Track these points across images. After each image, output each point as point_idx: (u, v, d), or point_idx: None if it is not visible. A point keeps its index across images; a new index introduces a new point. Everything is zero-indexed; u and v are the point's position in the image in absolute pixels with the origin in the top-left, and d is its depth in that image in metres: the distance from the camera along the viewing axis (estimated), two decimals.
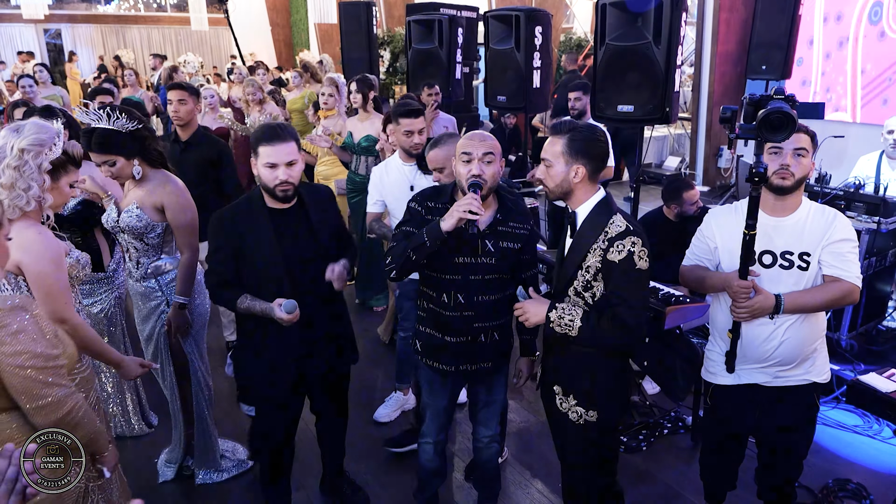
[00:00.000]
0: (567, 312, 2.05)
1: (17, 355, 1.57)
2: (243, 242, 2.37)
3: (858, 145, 5.76)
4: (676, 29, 3.77)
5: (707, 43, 8.13)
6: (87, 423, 1.74)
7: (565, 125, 2.09)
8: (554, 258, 3.93)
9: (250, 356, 2.54)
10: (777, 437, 2.37)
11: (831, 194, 4.00)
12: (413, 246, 2.22)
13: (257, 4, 16.25)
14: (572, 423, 2.20)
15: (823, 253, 2.18)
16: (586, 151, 2.04)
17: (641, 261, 1.99)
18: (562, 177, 2.07)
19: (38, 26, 16.21)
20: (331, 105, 5.20)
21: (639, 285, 2.03)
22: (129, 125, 2.59)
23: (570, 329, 2.04)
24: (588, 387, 2.16)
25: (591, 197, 2.10)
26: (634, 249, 1.99)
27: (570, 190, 2.09)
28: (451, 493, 3.06)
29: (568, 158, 2.05)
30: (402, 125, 3.22)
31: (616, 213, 2.06)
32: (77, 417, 1.70)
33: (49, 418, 1.65)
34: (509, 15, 5.49)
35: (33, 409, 1.63)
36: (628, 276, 1.99)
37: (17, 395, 1.61)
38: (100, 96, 4.91)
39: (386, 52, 11.33)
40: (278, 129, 2.35)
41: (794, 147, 2.17)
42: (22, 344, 1.58)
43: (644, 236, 2.03)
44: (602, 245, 2.02)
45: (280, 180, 2.32)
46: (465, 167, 2.23)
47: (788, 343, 2.23)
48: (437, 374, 2.49)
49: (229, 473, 3.12)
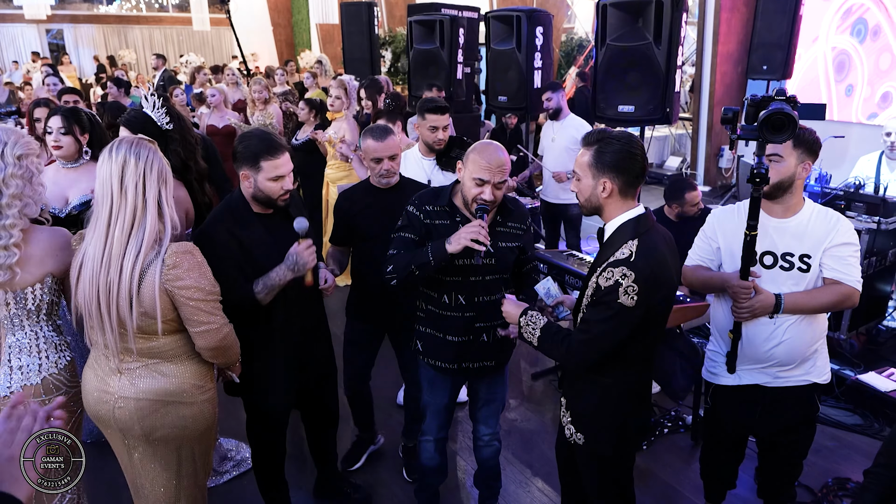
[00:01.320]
0: (533, 320, 2.02)
1: (189, 289, 1.92)
2: (241, 249, 2.30)
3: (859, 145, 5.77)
4: (677, 29, 3.79)
5: (708, 43, 8.13)
6: (235, 346, 2.11)
7: (595, 135, 1.94)
8: (552, 257, 3.94)
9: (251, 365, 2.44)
10: (778, 438, 2.38)
11: (831, 194, 4.00)
12: (417, 263, 2.23)
13: (259, 5, 16.28)
14: (567, 439, 2.14)
15: (825, 256, 2.18)
16: (615, 165, 1.88)
17: (626, 296, 1.80)
18: (589, 191, 1.94)
19: (40, 26, 16.25)
20: (337, 107, 5.09)
21: (612, 320, 1.84)
22: (164, 120, 2.60)
23: (533, 337, 2.00)
24: (580, 407, 2.08)
25: (621, 214, 1.94)
26: (623, 282, 1.80)
27: (598, 205, 1.95)
28: (452, 492, 3.07)
29: (595, 172, 1.91)
30: (428, 120, 3.26)
31: (635, 238, 1.87)
32: (230, 341, 2.06)
33: (209, 341, 1.99)
34: (510, 15, 5.51)
35: (197, 333, 1.98)
36: (606, 305, 1.84)
37: (186, 320, 1.96)
38: (66, 95, 4.79)
39: (387, 52, 11.36)
40: (275, 140, 2.31)
41: (769, 153, 2.13)
42: (193, 279, 1.92)
43: (648, 271, 1.82)
44: (603, 267, 1.89)
45: (284, 190, 2.31)
46: (476, 188, 2.20)
47: (788, 343, 2.23)
48: (439, 373, 2.50)
49: (230, 475, 3.13)
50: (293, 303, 2.44)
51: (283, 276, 2.28)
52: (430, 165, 3.33)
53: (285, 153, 2.31)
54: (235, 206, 2.35)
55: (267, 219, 2.38)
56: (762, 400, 2.32)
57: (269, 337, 2.44)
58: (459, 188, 2.31)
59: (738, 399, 2.36)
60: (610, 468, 2.12)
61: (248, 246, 2.30)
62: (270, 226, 2.37)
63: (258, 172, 2.27)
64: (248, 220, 2.33)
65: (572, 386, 2.13)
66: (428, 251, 2.22)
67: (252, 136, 2.34)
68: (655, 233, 1.94)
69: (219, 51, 18.32)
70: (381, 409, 3.47)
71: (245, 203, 2.35)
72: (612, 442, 2.05)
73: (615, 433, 2.04)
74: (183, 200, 2.70)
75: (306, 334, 2.55)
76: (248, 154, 2.27)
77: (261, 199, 2.33)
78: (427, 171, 3.32)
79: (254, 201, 2.35)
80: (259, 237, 2.33)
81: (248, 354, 2.37)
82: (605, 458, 2.08)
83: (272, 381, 2.47)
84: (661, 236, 1.96)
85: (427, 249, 2.23)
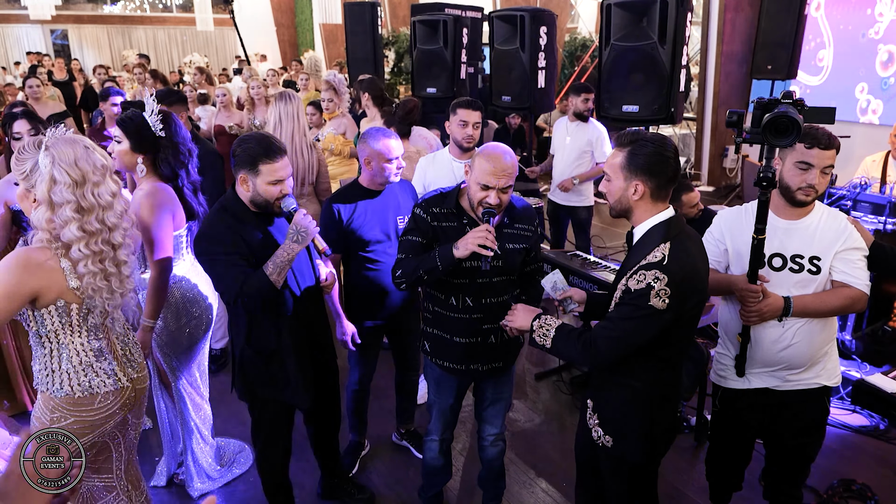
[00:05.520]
0: (547, 322, 2.01)
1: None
2: (245, 244, 2.29)
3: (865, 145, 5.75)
4: (682, 29, 3.77)
5: (712, 43, 8.11)
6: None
7: (628, 136, 1.92)
8: (557, 258, 3.93)
9: (261, 364, 2.46)
10: (787, 441, 2.35)
11: (836, 194, 3.99)
12: (425, 268, 2.23)
13: (262, 5, 16.29)
14: (595, 443, 2.13)
15: (835, 259, 2.16)
16: (648, 167, 1.86)
17: (657, 299, 1.78)
18: (620, 193, 1.92)
19: (44, 27, 16.32)
20: (331, 109, 5.14)
21: (639, 321, 1.82)
22: (157, 126, 2.58)
23: (546, 339, 1.99)
24: (609, 410, 2.07)
25: (651, 217, 1.92)
26: (655, 285, 1.78)
27: (628, 207, 1.94)
28: (456, 492, 3.07)
29: (627, 174, 1.89)
30: (459, 115, 3.24)
31: (667, 242, 1.85)
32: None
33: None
34: (514, 15, 5.50)
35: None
36: (635, 306, 1.82)
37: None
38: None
39: (391, 52, 11.36)
40: (274, 144, 2.29)
41: (824, 166, 2.12)
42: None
43: (681, 274, 1.80)
44: (634, 270, 1.86)
45: (283, 193, 2.30)
46: (482, 192, 2.19)
47: (798, 346, 2.21)
48: (446, 373, 2.49)
49: (234, 476, 3.12)
50: (301, 299, 2.44)
51: (290, 250, 2.26)
52: (461, 168, 3.23)
53: (284, 157, 2.29)
54: (232, 206, 2.34)
55: (265, 217, 2.37)
56: (771, 403, 2.30)
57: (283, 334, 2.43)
58: (466, 190, 2.30)
59: (746, 402, 2.34)
60: (639, 474, 2.11)
61: (249, 241, 2.30)
62: (269, 221, 2.37)
63: (256, 176, 2.25)
64: (246, 218, 2.33)
65: (602, 388, 2.10)
66: (436, 256, 2.21)
67: (250, 139, 2.31)
68: (686, 236, 1.91)
69: (222, 51, 18.37)
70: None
71: (241, 203, 2.33)
72: (641, 445, 2.03)
73: (644, 436, 2.02)
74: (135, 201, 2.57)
75: (312, 331, 2.55)
76: (246, 157, 2.25)
77: (259, 203, 2.31)
78: (457, 174, 3.23)
79: (251, 204, 2.33)
80: (259, 233, 2.33)
81: (265, 353, 2.40)
82: (634, 463, 2.07)
83: (291, 378, 2.46)
84: (692, 240, 1.93)
85: (435, 254, 2.22)
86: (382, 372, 3.52)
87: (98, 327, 2.02)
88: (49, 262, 1.87)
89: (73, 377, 1.98)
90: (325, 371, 2.67)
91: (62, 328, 1.95)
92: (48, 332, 1.94)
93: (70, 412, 1.98)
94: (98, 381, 2.01)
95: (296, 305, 2.43)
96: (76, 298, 1.92)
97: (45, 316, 1.91)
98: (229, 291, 2.26)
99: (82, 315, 1.96)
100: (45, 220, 1.87)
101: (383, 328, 3.03)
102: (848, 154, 5.87)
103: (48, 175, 1.85)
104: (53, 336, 1.95)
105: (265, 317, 2.39)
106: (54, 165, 1.85)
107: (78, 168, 1.87)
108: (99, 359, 2.02)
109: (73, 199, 1.86)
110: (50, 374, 1.98)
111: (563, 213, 5.15)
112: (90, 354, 2.00)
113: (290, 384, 2.46)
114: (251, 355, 2.44)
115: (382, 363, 3.25)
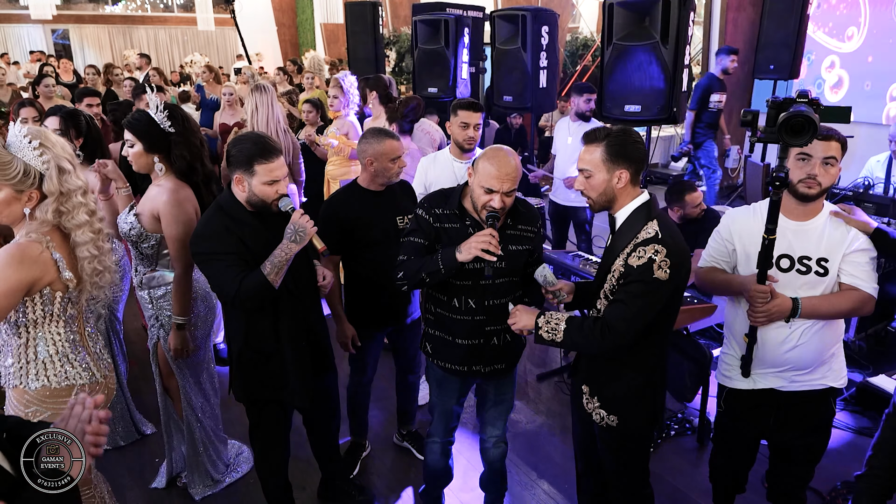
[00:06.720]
0: (554, 318, 2.04)
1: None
2: (241, 244, 2.28)
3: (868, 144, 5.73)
4: (684, 28, 3.76)
5: (714, 42, 8.09)
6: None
7: (601, 132, 2.04)
8: (559, 258, 3.92)
9: (260, 364, 2.44)
10: (792, 442, 2.34)
11: (840, 194, 3.97)
12: (428, 271, 2.21)
13: (263, 5, 16.28)
14: (596, 425, 2.20)
15: (843, 261, 2.15)
16: (626, 154, 1.99)
17: (660, 270, 1.91)
18: (604, 185, 2.03)
19: (45, 27, 16.31)
20: (336, 107, 5.08)
21: (649, 295, 1.93)
22: (166, 123, 2.56)
23: (557, 333, 2.02)
24: (611, 391, 2.14)
25: (632, 201, 2.05)
26: (656, 258, 1.91)
27: (613, 197, 2.05)
28: (458, 494, 3.05)
29: (609, 165, 2.00)
30: (460, 116, 3.24)
31: (653, 219, 1.99)
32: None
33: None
34: (515, 14, 5.48)
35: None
36: (642, 282, 1.92)
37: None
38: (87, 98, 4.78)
39: (392, 51, 11.36)
40: (270, 144, 2.27)
41: (824, 156, 2.10)
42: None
43: (675, 246, 1.95)
44: (629, 249, 1.97)
45: (280, 194, 2.28)
46: (485, 196, 2.17)
47: (804, 347, 2.20)
48: (448, 374, 2.48)
49: (233, 477, 3.10)
50: (299, 300, 2.43)
51: (288, 250, 2.25)
52: (463, 169, 3.22)
53: (280, 157, 2.27)
54: (228, 206, 2.32)
55: (261, 217, 2.35)
56: (777, 404, 2.29)
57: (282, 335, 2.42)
58: (469, 191, 2.28)
59: (752, 403, 2.33)
60: (640, 447, 2.24)
61: (246, 241, 2.28)
62: (266, 221, 2.35)
63: (252, 176, 2.24)
64: (242, 218, 2.31)
65: (600, 372, 2.17)
66: (438, 259, 2.19)
67: (246, 138, 2.30)
68: (665, 214, 2.06)
69: (223, 51, 18.35)
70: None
71: (237, 203, 2.32)
72: (646, 418, 2.17)
73: (649, 410, 2.16)
74: (157, 199, 2.59)
75: (311, 332, 2.53)
76: (242, 157, 2.24)
77: (255, 203, 2.29)
78: (458, 175, 3.22)
79: (247, 204, 2.31)
80: (256, 233, 2.31)
81: (264, 354, 2.40)
82: (638, 438, 2.20)
83: (290, 378, 2.45)
84: (667, 217, 2.09)
85: (437, 258, 2.20)
86: (383, 373, 3.51)
87: (74, 318, 2.03)
88: (43, 254, 1.87)
89: (48, 367, 1.98)
90: (325, 372, 2.66)
91: (43, 317, 1.95)
92: (27, 322, 1.94)
93: (47, 405, 1.97)
94: (74, 372, 2.01)
95: (294, 306, 2.42)
96: (62, 287, 1.93)
97: (28, 305, 1.91)
98: (226, 292, 2.24)
99: (63, 304, 1.96)
100: (52, 211, 1.89)
101: (383, 329, 3.01)
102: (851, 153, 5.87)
103: (55, 167, 1.87)
104: (32, 326, 1.95)
105: (263, 317, 2.37)
106: (57, 157, 1.87)
107: (69, 154, 1.93)
108: (74, 350, 2.02)
109: (81, 184, 1.93)
110: (24, 365, 1.97)
111: (564, 213, 5.13)
112: (66, 345, 2.00)
113: (289, 385, 2.45)
114: (249, 356, 2.42)
115: (383, 364, 3.24)
